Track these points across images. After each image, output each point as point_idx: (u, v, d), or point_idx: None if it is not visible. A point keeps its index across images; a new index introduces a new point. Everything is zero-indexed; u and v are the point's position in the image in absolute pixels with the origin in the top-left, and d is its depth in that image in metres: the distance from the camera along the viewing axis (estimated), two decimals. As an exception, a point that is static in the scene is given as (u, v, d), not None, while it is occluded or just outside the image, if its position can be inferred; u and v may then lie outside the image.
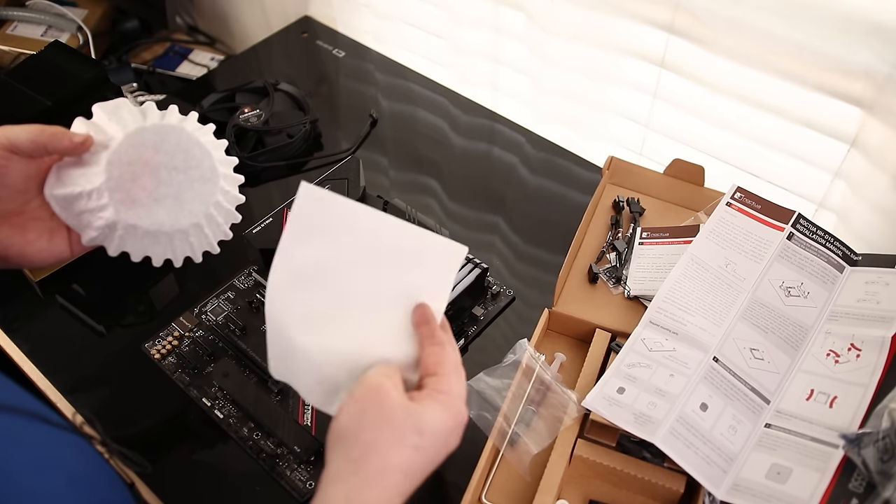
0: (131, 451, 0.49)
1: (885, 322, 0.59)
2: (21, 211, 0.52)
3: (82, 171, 0.52)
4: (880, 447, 0.50)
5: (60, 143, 0.50)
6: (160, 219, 0.53)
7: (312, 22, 1.09)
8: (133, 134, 0.52)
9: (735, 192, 0.71)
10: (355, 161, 0.79)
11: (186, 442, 0.64)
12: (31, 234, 0.52)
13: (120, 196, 0.52)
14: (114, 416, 0.65)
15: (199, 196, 0.55)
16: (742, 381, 0.60)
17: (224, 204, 0.57)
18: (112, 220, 0.52)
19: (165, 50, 1.14)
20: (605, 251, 0.73)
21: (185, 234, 0.55)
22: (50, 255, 0.53)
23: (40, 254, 0.53)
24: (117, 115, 0.52)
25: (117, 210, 0.52)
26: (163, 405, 0.66)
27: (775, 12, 0.66)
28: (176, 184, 0.54)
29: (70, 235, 0.54)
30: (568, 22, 0.82)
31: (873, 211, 0.70)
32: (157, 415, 0.66)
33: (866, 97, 0.65)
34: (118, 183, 0.51)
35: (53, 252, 0.53)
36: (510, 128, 0.92)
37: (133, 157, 0.52)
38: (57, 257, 0.54)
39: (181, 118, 0.55)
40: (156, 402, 0.66)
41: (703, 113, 0.80)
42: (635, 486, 0.58)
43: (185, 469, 0.63)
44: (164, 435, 0.65)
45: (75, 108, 0.74)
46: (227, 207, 0.57)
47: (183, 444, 0.64)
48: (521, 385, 0.61)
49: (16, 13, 1.06)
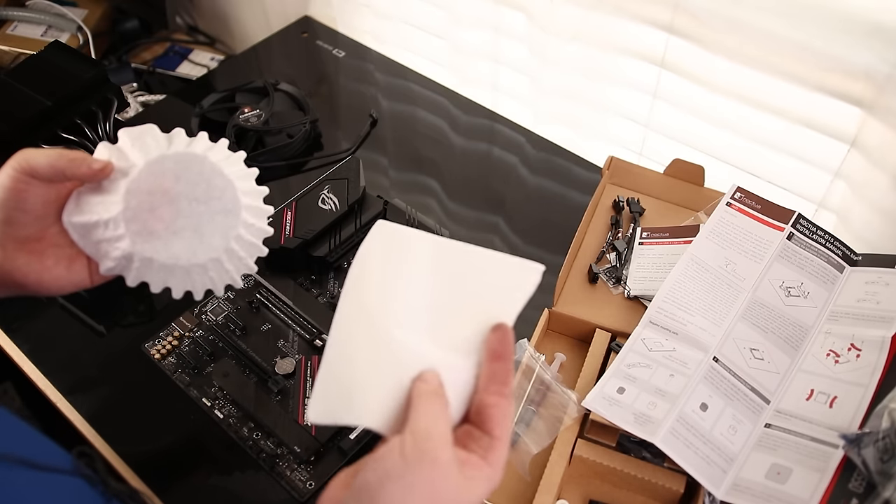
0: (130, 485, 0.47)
1: (885, 322, 0.59)
2: (40, 237, 0.50)
3: (101, 198, 0.50)
4: (880, 447, 0.50)
5: (79, 169, 0.48)
6: (177, 252, 0.51)
7: (312, 22, 1.09)
8: (153, 162, 0.50)
9: (735, 192, 0.71)
10: (355, 161, 0.79)
11: (186, 442, 0.64)
12: (49, 260, 0.50)
13: (136, 227, 0.49)
14: (114, 416, 0.65)
15: (220, 229, 0.52)
16: (742, 381, 0.60)
17: (247, 237, 0.53)
18: (128, 251, 0.50)
19: (165, 50, 1.14)
20: (605, 251, 0.73)
21: (203, 268, 0.52)
22: (68, 282, 0.51)
23: (58, 281, 0.51)
24: (141, 141, 0.50)
25: (133, 241, 0.49)
26: (163, 405, 0.66)
27: (775, 12, 0.66)
28: (196, 215, 0.51)
29: (90, 263, 0.52)
30: (568, 22, 0.82)
31: (873, 211, 0.70)
32: (157, 415, 0.66)
33: (866, 97, 0.65)
34: (135, 213, 0.49)
35: (72, 280, 0.51)
36: (510, 128, 0.92)
37: (152, 185, 0.50)
38: (76, 285, 0.52)
39: (208, 146, 0.52)
40: (156, 403, 0.66)
41: (703, 113, 0.80)
42: (635, 486, 0.58)
43: (185, 469, 0.63)
44: (164, 435, 0.65)
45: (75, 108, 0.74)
46: (251, 240, 0.54)
47: (183, 444, 0.64)
48: (521, 385, 0.61)
49: (16, 13, 1.06)
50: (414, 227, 0.74)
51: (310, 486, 0.60)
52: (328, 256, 0.73)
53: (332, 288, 0.73)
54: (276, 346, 0.68)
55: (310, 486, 0.60)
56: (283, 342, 0.69)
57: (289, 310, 0.71)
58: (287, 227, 0.73)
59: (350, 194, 0.76)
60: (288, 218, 0.73)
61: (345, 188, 0.76)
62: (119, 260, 0.50)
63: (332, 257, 0.73)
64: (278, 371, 0.66)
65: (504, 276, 0.44)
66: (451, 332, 0.43)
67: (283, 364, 0.66)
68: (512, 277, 0.44)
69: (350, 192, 0.76)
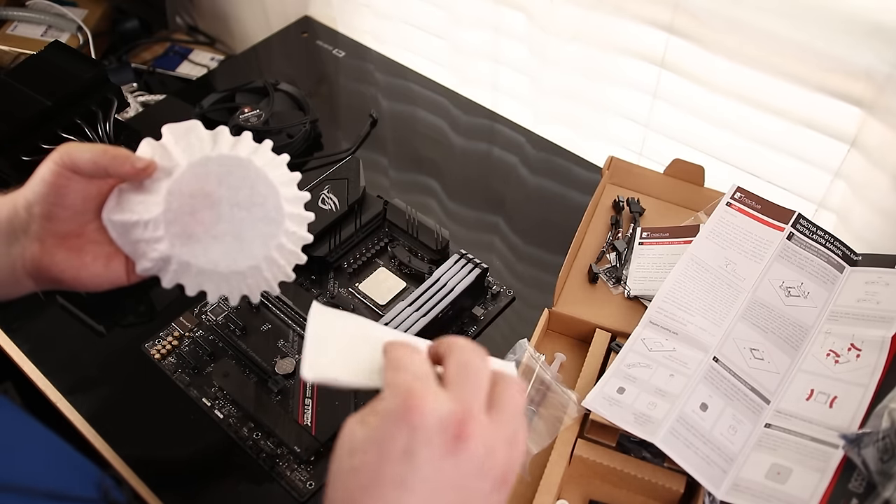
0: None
1: (885, 322, 0.59)
2: (79, 233, 0.49)
3: (142, 197, 0.48)
4: (880, 447, 0.50)
5: (122, 167, 0.47)
6: (215, 258, 0.50)
7: (312, 22, 1.09)
8: (197, 164, 0.48)
9: (735, 192, 0.71)
10: (355, 161, 0.79)
11: (186, 442, 0.64)
12: (87, 257, 0.50)
13: (176, 230, 0.48)
14: (114, 416, 0.65)
15: (261, 237, 0.50)
16: (742, 381, 0.60)
17: (288, 246, 0.52)
18: (167, 254, 0.49)
19: (165, 50, 1.14)
20: (605, 251, 0.73)
21: (241, 275, 0.51)
22: (106, 280, 0.51)
23: (96, 279, 0.50)
24: (186, 140, 0.49)
25: (172, 244, 0.48)
26: (163, 405, 0.66)
27: (776, 13, 0.66)
28: (237, 221, 0.50)
29: (127, 262, 0.51)
30: (568, 22, 0.82)
31: (873, 211, 0.70)
32: (157, 415, 0.66)
33: (866, 97, 0.65)
34: (176, 215, 0.48)
35: (109, 277, 0.51)
36: (510, 128, 0.92)
37: (195, 189, 0.48)
38: (113, 283, 0.51)
39: (253, 148, 0.51)
40: (156, 403, 0.66)
41: (703, 113, 0.80)
42: (635, 486, 0.58)
43: (185, 469, 0.63)
44: (164, 435, 0.65)
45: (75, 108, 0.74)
46: (292, 249, 0.52)
47: (183, 444, 0.64)
48: (521, 385, 0.61)
49: (16, 13, 1.06)
50: (414, 228, 0.74)
51: (310, 486, 0.60)
52: (328, 256, 0.73)
53: (332, 288, 0.73)
54: (276, 346, 0.68)
55: (310, 486, 0.60)
56: (283, 342, 0.69)
57: (289, 310, 0.71)
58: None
59: (350, 194, 0.76)
60: (288, 218, 0.73)
61: (345, 188, 0.76)
62: (157, 261, 0.49)
63: (332, 257, 0.73)
64: (278, 371, 0.66)
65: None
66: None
67: (283, 364, 0.66)
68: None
69: (350, 192, 0.76)
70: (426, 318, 0.65)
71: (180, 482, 0.62)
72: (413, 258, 0.74)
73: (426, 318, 0.65)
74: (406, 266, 0.74)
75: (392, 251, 0.76)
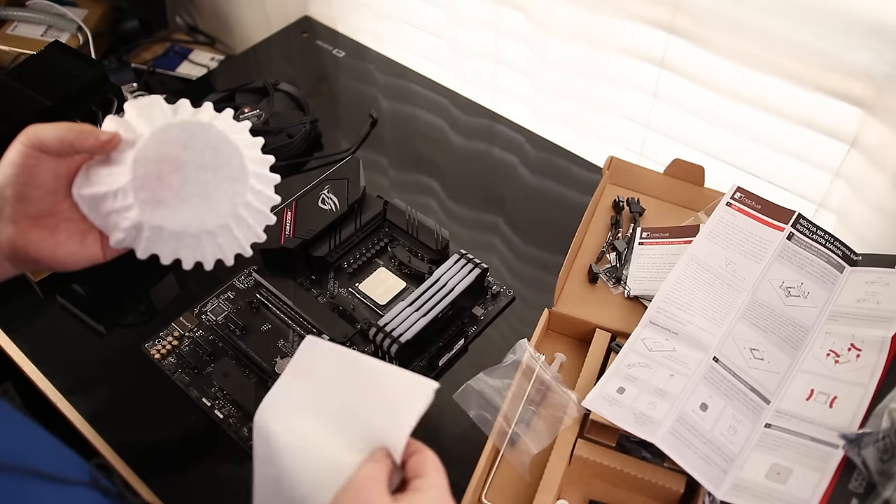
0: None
1: (885, 322, 0.59)
2: (52, 212, 0.50)
3: (109, 170, 0.50)
4: (880, 447, 0.50)
5: (87, 140, 0.48)
6: (185, 219, 0.51)
7: (312, 22, 1.09)
8: (160, 130, 0.50)
9: (735, 192, 0.71)
10: (355, 161, 0.79)
11: (186, 442, 0.64)
12: (61, 235, 0.50)
13: (145, 195, 0.49)
14: (114, 416, 0.66)
15: (228, 196, 0.52)
16: (742, 381, 0.60)
17: (255, 204, 0.54)
18: (138, 220, 0.50)
19: (165, 50, 1.14)
20: (605, 251, 0.73)
21: (212, 235, 0.52)
22: (81, 257, 0.52)
23: (72, 256, 0.51)
24: (147, 113, 0.51)
25: (142, 210, 0.50)
26: (163, 405, 0.66)
27: (775, 12, 0.66)
28: (203, 182, 0.51)
29: (102, 238, 0.52)
30: (568, 22, 0.82)
31: (873, 211, 0.70)
32: (157, 415, 0.66)
33: (866, 97, 0.65)
34: (143, 182, 0.49)
35: (85, 254, 0.52)
36: (510, 128, 0.92)
37: (160, 154, 0.50)
38: (89, 260, 0.52)
39: (213, 115, 0.53)
40: (156, 403, 0.66)
41: (703, 113, 0.80)
42: (635, 486, 0.58)
43: (185, 469, 0.63)
44: (164, 435, 0.65)
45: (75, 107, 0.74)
46: (259, 208, 0.54)
47: (183, 444, 0.64)
48: (521, 385, 0.61)
49: (16, 13, 1.06)
50: (414, 228, 0.74)
51: (310, 486, 0.60)
52: (328, 256, 0.73)
53: (332, 288, 0.73)
54: (276, 346, 0.68)
55: (310, 486, 0.60)
56: (283, 342, 0.69)
57: (289, 310, 0.71)
58: (287, 227, 0.73)
59: (350, 194, 0.76)
60: (288, 218, 0.73)
61: (345, 188, 0.76)
62: (129, 231, 0.50)
63: (332, 257, 0.73)
64: (278, 371, 0.66)
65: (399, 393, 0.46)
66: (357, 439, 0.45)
67: (283, 364, 0.66)
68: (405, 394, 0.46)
69: (350, 192, 0.76)
70: (426, 318, 0.65)
71: (180, 482, 0.62)
72: (413, 258, 0.74)
73: (426, 318, 0.65)
74: (406, 266, 0.74)
75: (392, 251, 0.76)
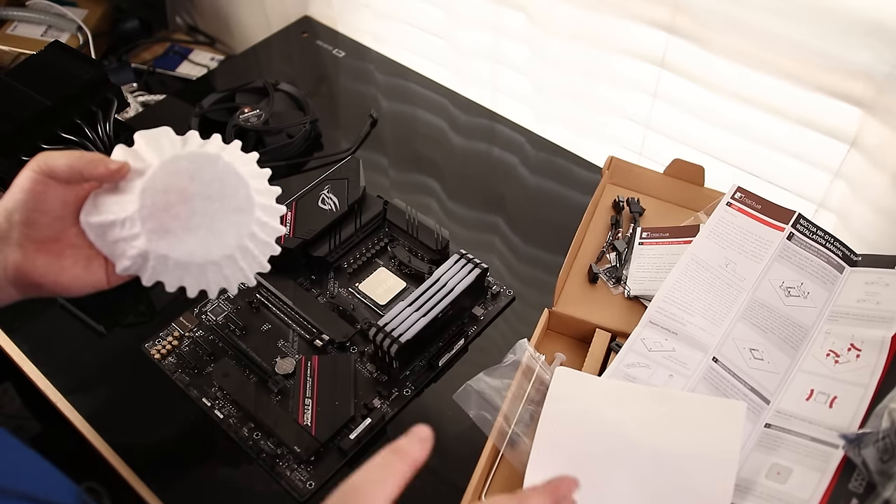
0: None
1: (885, 322, 0.59)
2: (58, 238, 0.51)
3: (117, 198, 0.50)
4: (880, 447, 0.50)
5: (96, 169, 0.49)
6: (191, 249, 0.51)
7: (312, 22, 1.09)
8: (169, 161, 0.50)
9: (735, 192, 0.71)
10: (355, 161, 0.79)
11: (186, 442, 0.64)
12: (67, 261, 0.51)
13: (152, 225, 0.50)
14: (114, 416, 0.66)
15: (234, 227, 0.52)
16: (742, 381, 0.60)
17: (260, 236, 0.54)
18: (144, 249, 0.50)
19: (165, 50, 1.14)
20: (605, 251, 0.73)
21: (217, 265, 0.53)
22: (86, 283, 0.52)
23: (76, 282, 0.51)
24: (157, 143, 0.51)
25: (149, 239, 0.50)
26: (163, 405, 0.66)
27: (775, 12, 0.66)
28: (210, 214, 0.51)
29: (107, 264, 0.53)
30: (568, 22, 0.82)
31: (873, 211, 0.70)
32: (157, 415, 0.66)
33: (866, 97, 0.65)
34: (151, 211, 0.50)
35: (90, 280, 0.52)
36: (510, 128, 0.92)
37: (168, 184, 0.50)
38: (93, 286, 0.53)
39: (221, 147, 0.53)
40: (156, 403, 0.66)
41: (702, 113, 0.80)
42: (635, 486, 0.58)
43: (185, 469, 0.63)
44: (164, 435, 0.65)
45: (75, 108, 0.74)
46: (265, 239, 0.54)
47: (183, 444, 0.64)
48: (521, 385, 0.61)
49: (16, 13, 1.06)
50: (414, 228, 0.74)
51: (310, 486, 0.60)
52: (328, 256, 0.73)
53: (332, 288, 0.73)
54: (276, 346, 0.68)
55: (310, 486, 0.60)
56: (283, 342, 0.69)
57: (289, 310, 0.71)
58: (287, 227, 0.73)
59: (350, 194, 0.76)
60: (288, 218, 0.73)
61: (345, 188, 0.76)
62: (135, 259, 0.51)
63: (332, 257, 0.73)
64: (278, 371, 0.66)
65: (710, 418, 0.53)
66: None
67: (283, 364, 0.66)
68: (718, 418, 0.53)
69: (350, 192, 0.76)
70: (426, 318, 0.65)
71: (180, 482, 0.62)
72: (413, 258, 0.74)
73: (426, 318, 0.65)
74: (406, 266, 0.74)
75: (392, 251, 0.76)
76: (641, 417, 0.55)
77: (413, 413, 0.65)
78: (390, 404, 0.65)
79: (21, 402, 1.25)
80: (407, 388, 0.66)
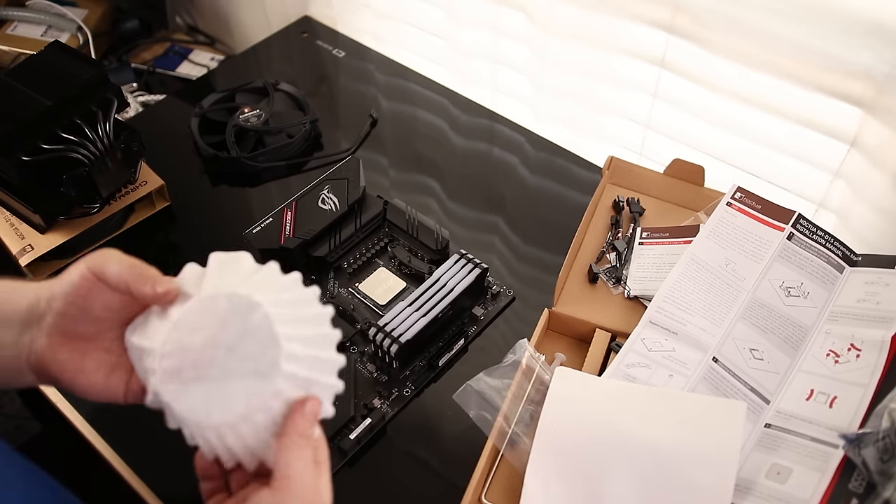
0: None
1: (885, 322, 0.59)
2: (89, 338, 0.47)
3: (159, 324, 0.46)
4: (880, 447, 0.50)
5: (143, 288, 0.45)
6: (193, 406, 0.44)
7: (312, 22, 1.09)
8: (207, 298, 0.45)
9: (735, 192, 0.71)
10: (355, 161, 0.79)
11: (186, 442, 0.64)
12: (90, 364, 0.47)
13: (168, 364, 0.44)
14: (114, 416, 0.65)
15: (246, 392, 0.44)
16: (742, 381, 0.60)
17: (274, 410, 0.44)
18: (155, 389, 0.45)
19: (165, 50, 1.14)
20: (605, 251, 0.73)
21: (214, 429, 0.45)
22: (102, 392, 0.48)
23: (92, 388, 0.48)
24: (220, 269, 0.46)
25: (162, 380, 0.44)
26: (163, 405, 0.66)
27: (775, 12, 0.66)
28: (228, 370, 0.44)
29: (129, 380, 0.49)
30: (568, 22, 0.82)
31: (873, 211, 0.70)
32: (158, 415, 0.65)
33: (866, 97, 0.65)
34: (173, 350, 0.44)
35: (106, 392, 0.48)
36: (510, 128, 0.92)
37: (199, 324, 0.45)
38: (108, 398, 0.49)
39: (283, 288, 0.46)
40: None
41: (702, 113, 0.80)
42: (635, 486, 0.58)
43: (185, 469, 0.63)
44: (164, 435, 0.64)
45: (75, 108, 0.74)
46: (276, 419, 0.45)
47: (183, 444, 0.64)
48: (521, 385, 0.61)
49: (16, 13, 1.06)
50: (414, 228, 0.74)
51: (310, 486, 0.60)
52: (328, 256, 0.73)
53: (332, 288, 0.73)
54: (276, 346, 0.68)
55: (310, 486, 0.60)
56: (283, 342, 0.69)
57: (289, 310, 0.70)
58: (287, 227, 0.73)
59: (350, 194, 0.76)
60: (288, 218, 0.73)
61: (345, 188, 0.76)
62: (154, 394, 0.45)
63: (332, 257, 0.73)
64: (278, 371, 0.66)
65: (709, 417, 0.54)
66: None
67: (283, 364, 0.66)
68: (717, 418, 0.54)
69: (350, 192, 0.76)
70: (426, 318, 0.65)
71: (180, 482, 0.62)
72: (413, 258, 0.74)
73: (426, 318, 0.65)
74: (406, 266, 0.74)
75: (392, 251, 0.76)
76: (641, 417, 0.55)
77: (413, 413, 0.65)
78: (390, 404, 0.65)
79: (21, 402, 1.25)
80: (407, 388, 0.66)
